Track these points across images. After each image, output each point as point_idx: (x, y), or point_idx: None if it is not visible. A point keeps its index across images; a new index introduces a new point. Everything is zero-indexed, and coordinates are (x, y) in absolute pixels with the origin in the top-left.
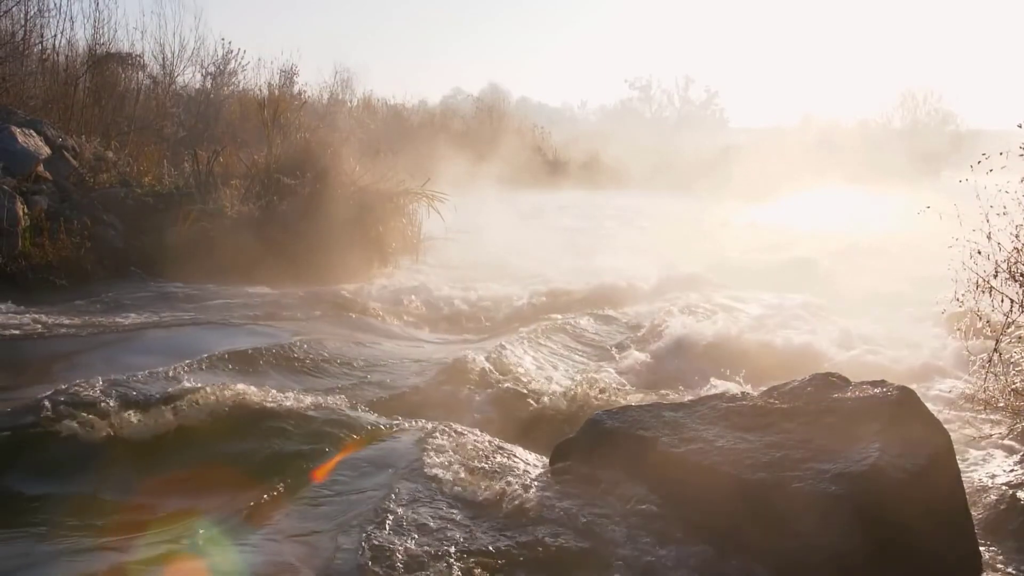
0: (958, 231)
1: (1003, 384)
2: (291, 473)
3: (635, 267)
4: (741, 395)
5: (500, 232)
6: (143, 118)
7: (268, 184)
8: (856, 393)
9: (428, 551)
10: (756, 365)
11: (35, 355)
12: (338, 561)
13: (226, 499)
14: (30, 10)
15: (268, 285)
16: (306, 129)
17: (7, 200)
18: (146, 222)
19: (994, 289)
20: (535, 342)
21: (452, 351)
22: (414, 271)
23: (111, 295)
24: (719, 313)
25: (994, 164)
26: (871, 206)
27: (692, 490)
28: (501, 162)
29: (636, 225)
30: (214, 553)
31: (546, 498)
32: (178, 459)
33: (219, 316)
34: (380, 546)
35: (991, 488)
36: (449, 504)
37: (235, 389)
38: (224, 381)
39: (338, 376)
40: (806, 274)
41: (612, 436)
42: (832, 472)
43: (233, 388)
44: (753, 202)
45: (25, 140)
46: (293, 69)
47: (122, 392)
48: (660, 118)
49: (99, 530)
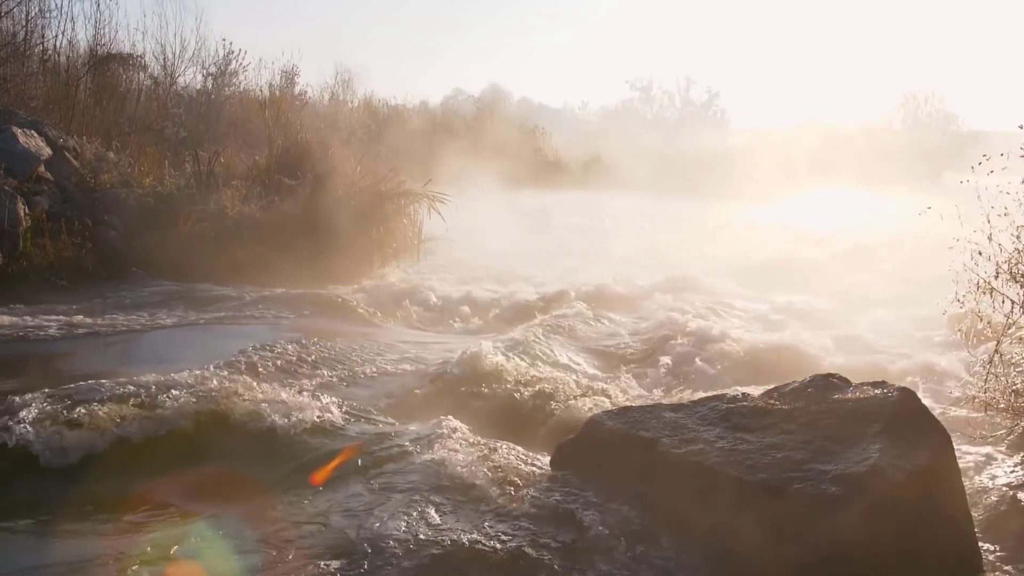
0: (959, 232)
1: (1004, 385)
2: (290, 474)
3: (635, 268)
4: (741, 396)
5: (500, 232)
6: (144, 119)
7: (269, 185)
8: (856, 394)
9: (428, 552)
10: (757, 366)
11: (35, 355)
12: (337, 562)
13: (225, 501)
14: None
15: (268, 286)
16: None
17: (8, 201)
18: (147, 223)
19: (995, 290)
20: (535, 342)
21: (452, 351)
22: (415, 271)
23: (112, 295)
24: (720, 314)
25: (995, 165)
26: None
27: (692, 491)
28: (502, 163)
29: (637, 226)
30: (212, 555)
31: (546, 499)
32: (177, 460)
33: (219, 317)
34: (380, 547)
35: (991, 488)
36: (449, 504)
37: (235, 390)
38: (224, 382)
39: (338, 376)
40: (807, 275)
41: (612, 437)
42: (833, 473)
43: (233, 389)
44: (754, 203)
45: (26, 141)
46: (294, 70)
47: (122, 393)
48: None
49: (97, 532)
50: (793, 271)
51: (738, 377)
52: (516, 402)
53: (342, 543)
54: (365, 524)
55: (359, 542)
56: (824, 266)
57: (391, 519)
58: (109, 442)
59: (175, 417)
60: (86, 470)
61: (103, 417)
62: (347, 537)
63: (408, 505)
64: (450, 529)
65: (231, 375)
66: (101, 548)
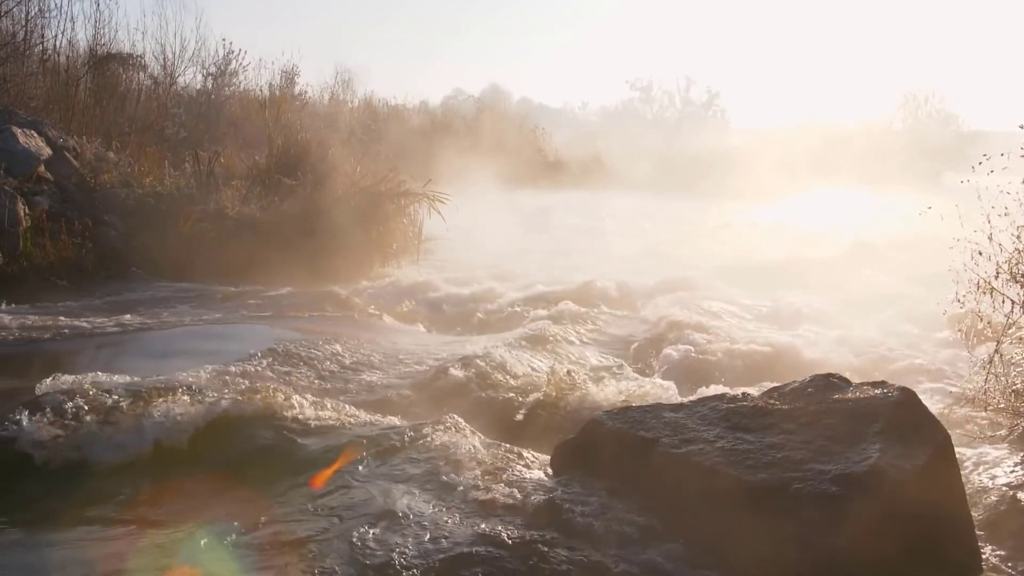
0: (959, 232)
1: (1004, 385)
2: (290, 475)
3: (636, 267)
4: (741, 396)
5: (500, 232)
6: (144, 119)
7: (269, 185)
8: (857, 394)
9: (427, 553)
10: (756, 366)
11: (36, 355)
12: (338, 564)
13: (225, 502)
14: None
15: (269, 286)
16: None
17: (8, 201)
18: (147, 223)
19: (995, 290)
20: (536, 342)
21: (452, 350)
22: (415, 271)
23: (112, 296)
24: (720, 314)
25: (995, 165)
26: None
27: (693, 491)
28: (502, 163)
29: (637, 226)
30: (211, 558)
31: (546, 499)
32: (177, 461)
33: (220, 317)
34: (380, 548)
35: (991, 488)
36: (449, 506)
37: (235, 391)
38: (224, 383)
39: (338, 377)
40: (807, 275)
41: (612, 437)
42: (833, 473)
43: (233, 390)
44: (754, 203)
45: (26, 141)
46: (294, 70)
47: (122, 394)
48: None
49: (96, 534)
50: (793, 271)
51: (738, 377)
52: (516, 401)
53: (342, 545)
54: (365, 525)
55: (359, 543)
56: (824, 266)
57: (391, 520)
58: (108, 443)
59: (175, 418)
60: (85, 471)
61: (102, 418)
62: (347, 539)
63: (408, 505)
64: (450, 530)
65: (231, 376)
66: (100, 550)
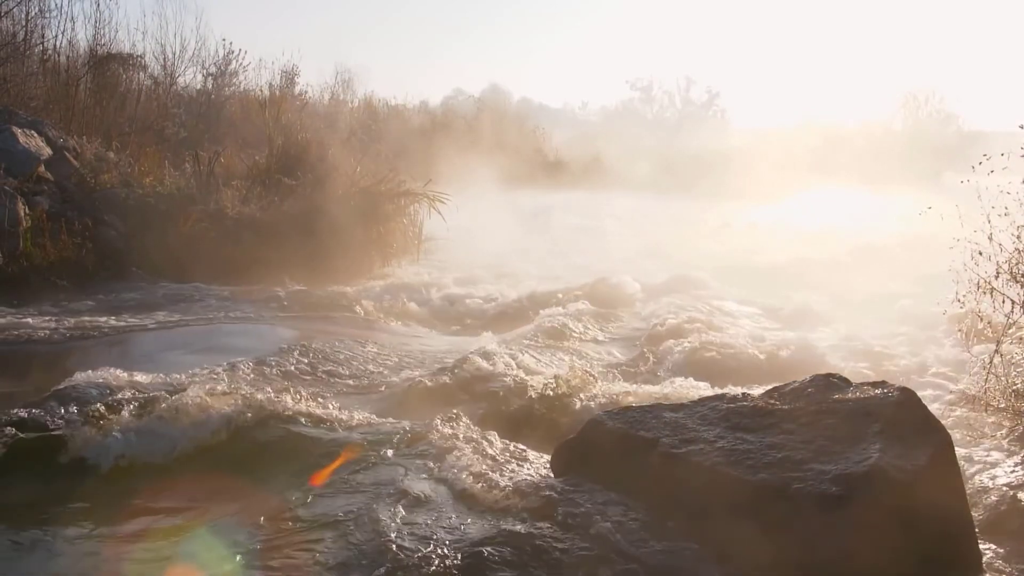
0: (959, 232)
1: (1004, 385)
2: (290, 475)
3: (636, 267)
4: (741, 396)
5: (500, 232)
6: (144, 119)
7: (269, 185)
8: (857, 394)
9: (427, 552)
10: (757, 366)
11: (36, 356)
12: (338, 564)
13: (225, 502)
14: (31, 11)
15: (269, 286)
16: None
17: (8, 201)
18: (147, 223)
19: (995, 290)
20: (535, 341)
21: (453, 350)
22: (415, 271)
23: (112, 296)
24: (720, 313)
25: (995, 165)
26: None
27: (693, 491)
28: (502, 162)
29: (637, 226)
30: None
31: (547, 499)
32: (177, 461)
33: (220, 317)
34: (379, 548)
35: (991, 488)
36: (450, 505)
37: (234, 391)
38: (224, 383)
39: (338, 376)
40: (807, 275)
41: (612, 437)
42: (833, 473)
43: (232, 390)
44: (754, 203)
45: (26, 141)
46: (294, 70)
47: (122, 394)
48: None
49: (96, 534)
50: (793, 271)
51: (738, 377)
52: (516, 401)
53: (342, 545)
54: (365, 525)
55: (359, 543)
56: (824, 266)
57: (391, 520)
58: (108, 443)
59: (175, 418)
60: (85, 471)
61: (103, 418)
62: (347, 539)
63: (408, 506)
64: (450, 530)
65: (231, 376)
66: (100, 550)
